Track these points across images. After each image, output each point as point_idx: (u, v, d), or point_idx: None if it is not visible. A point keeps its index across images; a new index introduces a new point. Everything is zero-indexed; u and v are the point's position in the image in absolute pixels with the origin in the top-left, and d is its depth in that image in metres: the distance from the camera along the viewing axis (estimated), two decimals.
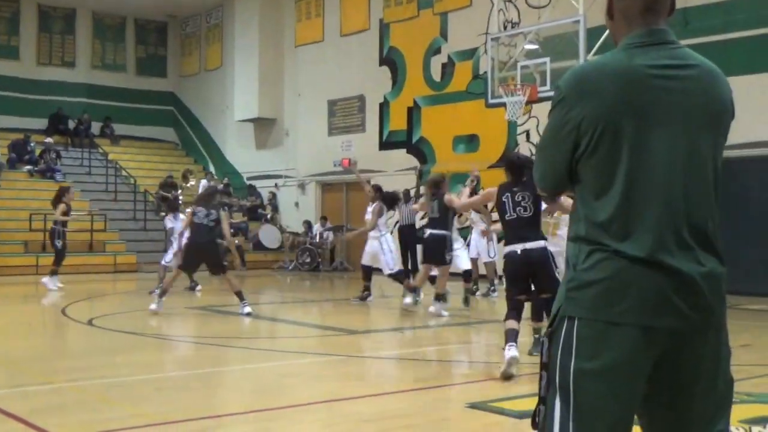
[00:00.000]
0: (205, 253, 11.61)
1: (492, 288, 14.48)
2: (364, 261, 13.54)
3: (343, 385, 6.83)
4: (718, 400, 2.36)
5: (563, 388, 2.27)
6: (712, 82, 2.37)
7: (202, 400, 6.33)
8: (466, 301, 12.87)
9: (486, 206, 12.21)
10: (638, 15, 2.39)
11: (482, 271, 14.81)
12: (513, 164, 7.57)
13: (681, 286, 2.22)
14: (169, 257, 14.22)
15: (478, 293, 14.52)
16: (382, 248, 13.03)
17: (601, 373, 2.23)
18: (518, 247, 7.17)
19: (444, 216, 11.52)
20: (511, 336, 6.92)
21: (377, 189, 14.12)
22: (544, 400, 2.33)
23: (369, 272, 13.54)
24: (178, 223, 14.35)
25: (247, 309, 11.29)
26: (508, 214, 7.27)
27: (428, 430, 5.27)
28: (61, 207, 15.28)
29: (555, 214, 9.27)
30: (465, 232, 14.95)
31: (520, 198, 7.27)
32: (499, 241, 14.76)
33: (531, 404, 5.81)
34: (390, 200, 13.53)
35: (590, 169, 2.32)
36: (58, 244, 15.42)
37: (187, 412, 5.75)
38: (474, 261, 14.35)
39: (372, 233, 13.26)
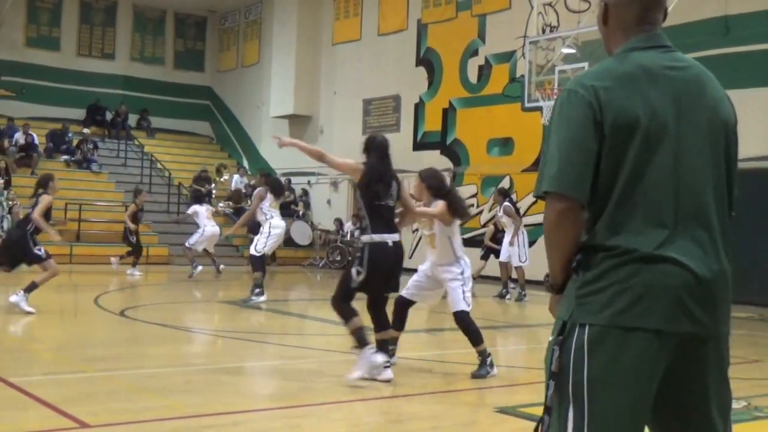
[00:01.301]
0: None
1: (523, 293, 14.44)
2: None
3: (371, 384, 6.81)
4: (723, 404, 2.34)
5: (577, 397, 2.22)
6: (710, 82, 2.41)
7: (232, 394, 6.35)
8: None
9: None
10: (634, 22, 2.42)
11: (513, 274, 14.78)
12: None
13: (694, 287, 2.20)
14: (193, 239, 16.67)
15: (508, 297, 14.47)
16: (262, 231, 12.79)
17: (616, 379, 2.19)
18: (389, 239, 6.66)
19: None
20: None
21: (263, 174, 14.33)
22: (550, 410, 2.28)
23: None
24: (202, 208, 17.10)
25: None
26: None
27: None
28: (132, 207, 17.07)
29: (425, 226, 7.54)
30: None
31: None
32: (530, 245, 14.73)
33: None
34: (276, 186, 13.31)
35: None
36: (132, 239, 17.02)
37: (216, 405, 5.77)
38: (504, 264, 14.38)
39: (260, 218, 12.89)
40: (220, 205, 19.98)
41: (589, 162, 2.24)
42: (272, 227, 12.72)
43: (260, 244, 12.68)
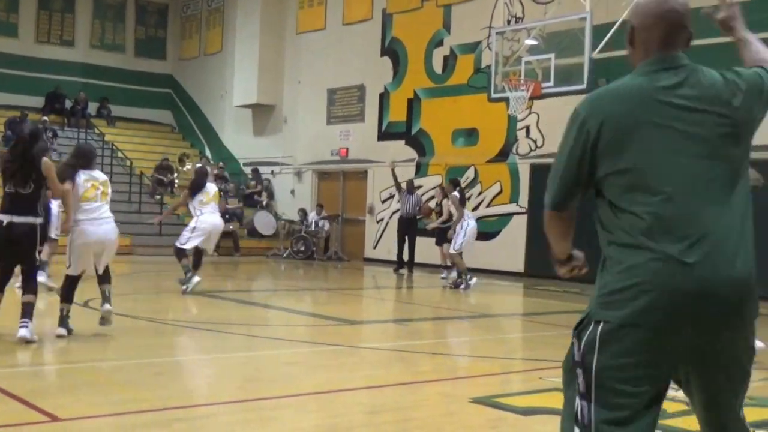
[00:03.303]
0: None
1: (460, 280, 14.49)
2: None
3: (343, 375, 6.79)
4: (740, 377, 2.59)
5: (587, 385, 2.49)
6: (717, 94, 2.58)
7: (201, 386, 6.29)
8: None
9: None
10: (656, 44, 2.66)
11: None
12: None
13: (704, 290, 2.38)
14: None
15: (463, 286, 14.38)
16: (188, 225, 12.48)
17: (620, 370, 2.43)
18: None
19: None
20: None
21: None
22: (584, 395, 2.50)
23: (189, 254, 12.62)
24: None
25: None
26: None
27: (433, 424, 5.23)
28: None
29: None
30: None
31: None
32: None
33: (535, 401, 5.81)
34: (200, 177, 12.83)
35: (613, 182, 2.53)
36: None
37: (186, 398, 5.71)
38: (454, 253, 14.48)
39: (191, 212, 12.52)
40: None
41: (579, 182, 2.61)
42: (199, 222, 12.31)
43: (183, 238, 12.32)
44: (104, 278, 8.24)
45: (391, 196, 20.25)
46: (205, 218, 12.42)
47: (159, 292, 12.73)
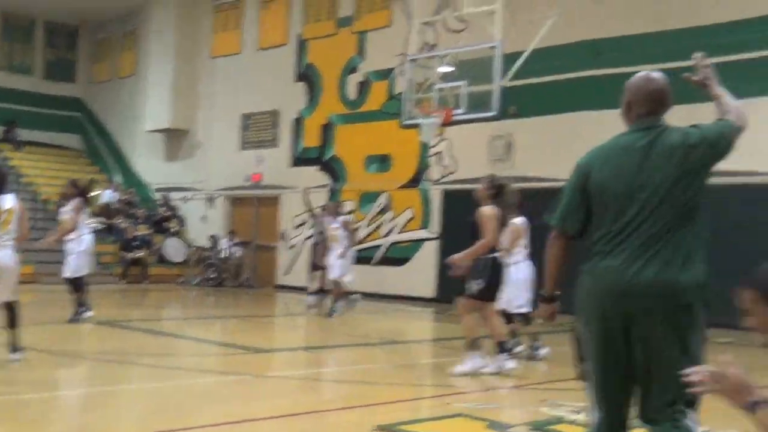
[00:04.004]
0: None
1: (335, 306, 14.12)
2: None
3: (250, 405, 6.64)
4: (667, 375, 3.40)
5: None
6: (667, 150, 3.54)
7: (100, 420, 6.05)
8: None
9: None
10: (642, 113, 3.67)
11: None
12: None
13: (629, 287, 3.45)
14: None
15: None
16: (73, 250, 11.62)
17: (591, 339, 3.63)
18: None
19: None
20: None
21: (73, 184, 12.43)
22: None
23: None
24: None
25: None
26: None
27: None
28: None
29: None
30: None
31: None
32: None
33: (441, 427, 5.74)
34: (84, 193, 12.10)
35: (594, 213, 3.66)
36: None
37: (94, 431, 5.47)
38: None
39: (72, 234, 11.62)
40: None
41: (578, 209, 3.69)
42: (85, 244, 11.60)
43: (72, 266, 11.52)
44: (12, 320, 7.86)
45: (304, 223, 20.12)
46: (87, 238, 11.72)
47: (62, 323, 12.30)
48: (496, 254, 8.13)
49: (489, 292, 8.09)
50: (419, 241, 18.30)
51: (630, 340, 3.49)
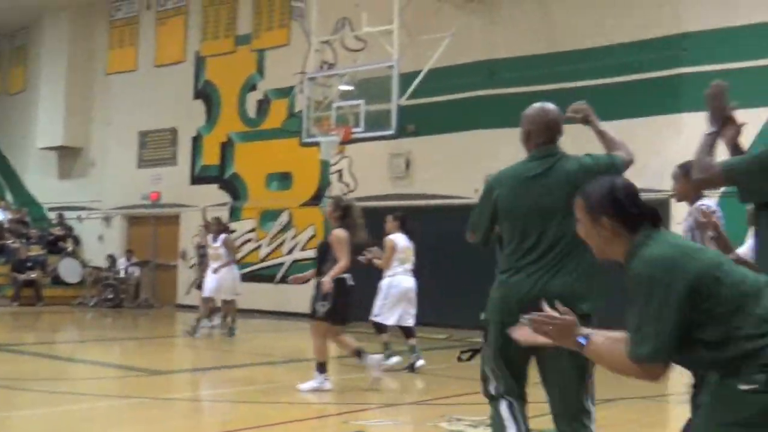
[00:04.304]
0: None
1: (234, 327, 13.93)
2: None
3: (147, 429, 6.57)
4: (561, 381, 3.90)
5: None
6: (563, 176, 3.94)
7: None
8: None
9: None
10: (540, 142, 4.07)
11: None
12: None
13: (536, 298, 3.50)
14: None
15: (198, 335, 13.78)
16: None
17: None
18: None
19: None
20: None
21: None
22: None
23: None
24: None
25: None
26: None
27: None
28: None
29: None
30: None
31: None
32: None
33: None
34: None
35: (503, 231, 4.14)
36: None
37: None
38: (208, 299, 13.84)
39: None
40: None
41: (488, 219, 4.15)
42: None
43: None
44: None
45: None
46: None
47: None
48: (345, 276, 8.31)
49: (336, 314, 8.28)
50: None
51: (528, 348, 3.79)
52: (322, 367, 8.35)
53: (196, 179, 20.99)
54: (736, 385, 2.56)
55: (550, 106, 4.15)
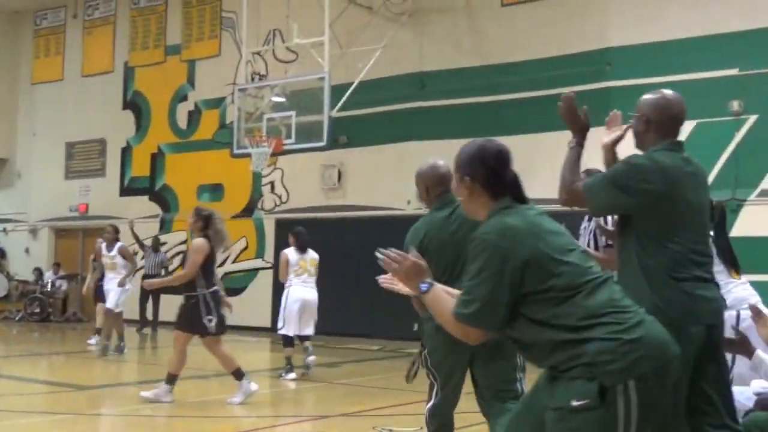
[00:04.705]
0: None
1: (122, 344, 13.60)
2: None
3: None
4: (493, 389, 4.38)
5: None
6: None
7: None
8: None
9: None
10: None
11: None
12: None
13: None
14: None
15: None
16: None
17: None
18: None
19: None
20: None
21: None
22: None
23: None
24: None
25: None
26: None
27: None
28: None
29: None
30: None
31: None
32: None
33: None
34: None
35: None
36: None
37: None
38: (114, 312, 13.54)
39: None
40: None
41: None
42: None
43: None
44: None
45: (135, 254, 19.62)
46: None
47: None
48: (216, 288, 8.43)
49: (222, 325, 8.48)
50: (254, 271, 18.26)
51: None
52: (238, 374, 8.48)
53: (126, 191, 20.72)
54: (569, 401, 2.60)
55: (440, 162, 4.66)
